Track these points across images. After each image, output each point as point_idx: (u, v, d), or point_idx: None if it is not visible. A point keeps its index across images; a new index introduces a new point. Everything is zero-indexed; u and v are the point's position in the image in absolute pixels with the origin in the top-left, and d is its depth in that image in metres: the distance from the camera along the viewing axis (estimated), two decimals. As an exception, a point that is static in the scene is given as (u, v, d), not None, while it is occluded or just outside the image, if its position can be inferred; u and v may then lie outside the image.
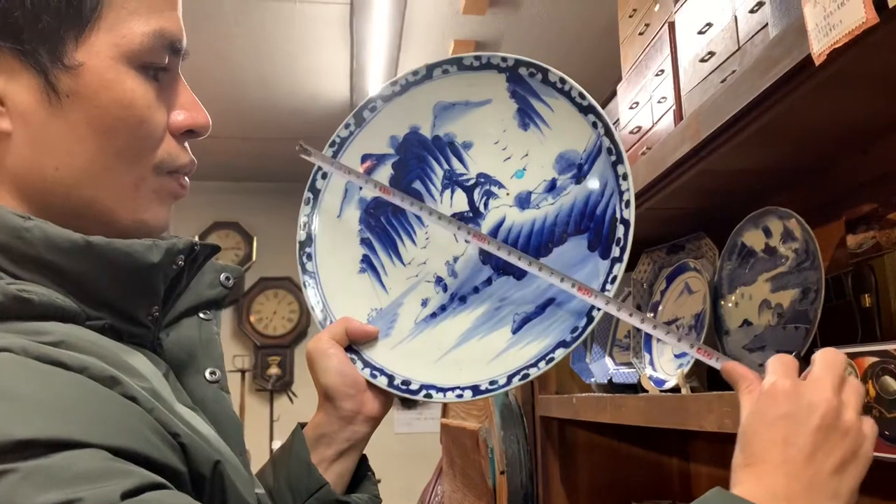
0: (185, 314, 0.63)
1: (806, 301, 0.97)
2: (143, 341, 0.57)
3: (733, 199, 1.14)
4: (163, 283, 0.55)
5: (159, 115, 0.56)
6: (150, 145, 0.56)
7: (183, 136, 0.59)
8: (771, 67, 0.76)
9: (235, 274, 0.67)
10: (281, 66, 3.34)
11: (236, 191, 4.77)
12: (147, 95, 0.55)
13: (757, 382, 0.56)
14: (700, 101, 1.03)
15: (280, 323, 4.82)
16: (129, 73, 0.54)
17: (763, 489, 0.50)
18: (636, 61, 1.35)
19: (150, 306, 0.55)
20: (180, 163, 0.58)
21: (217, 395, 0.59)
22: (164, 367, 0.56)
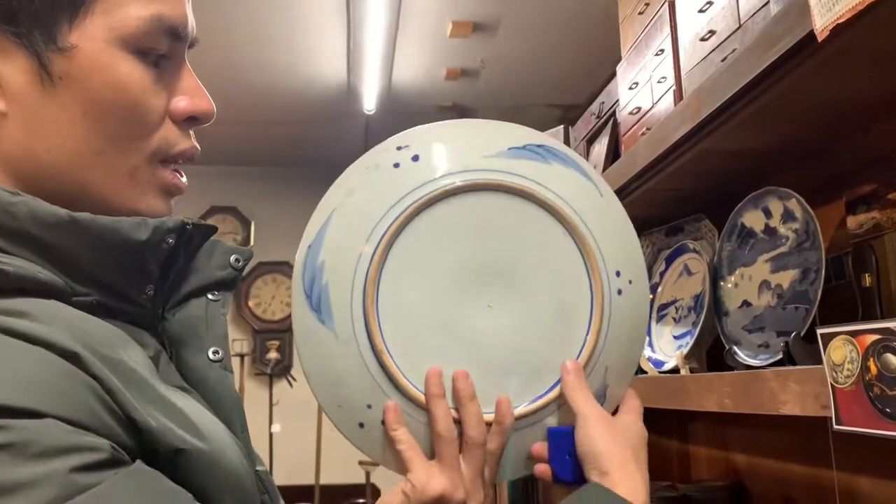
0: (194, 294, 0.62)
1: (806, 281, 0.96)
2: (140, 320, 0.56)
3: (733, 179, 1.14)
4: (154, 261, 0.55)
5: (156, 101, 0.56)
6: (145, 131, 0.55)
7: (185, 123, 0.58)
8: (772, 45, 0.75)
9: (245, 256, 0.67)
10: (278, 48, 3.32)
11: (234, 175, 4.75)
12: (143, 80, 0.54)
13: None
14: (700, 80, 1.02)
15: (279, 307, 4.82)
16: (125, 57, 0.54)
17: (629, 490, 0.62)
18: (636, 41, 1.34)
19: (142, 285, 0.55)
20: (179, 149, 0.58)
21: (219, 374, 0.59)
22: (154, 348, 0.56)
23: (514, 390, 0.67)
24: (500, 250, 0.67)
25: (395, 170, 0.67)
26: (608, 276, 0.68)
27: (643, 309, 0.71)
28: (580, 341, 0.68)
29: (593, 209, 0.69)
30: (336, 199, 0.68)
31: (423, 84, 3.75)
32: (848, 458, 1.03)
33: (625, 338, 0.69)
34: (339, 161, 2.29)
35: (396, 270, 0.66)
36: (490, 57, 3.45)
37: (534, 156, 0.69)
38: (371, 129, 4.22)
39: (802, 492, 1.18)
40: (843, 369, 0.64)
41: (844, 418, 0.64)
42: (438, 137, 0.69)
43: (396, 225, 0.65)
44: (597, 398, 0.67)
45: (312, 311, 0.66)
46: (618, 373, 0.70)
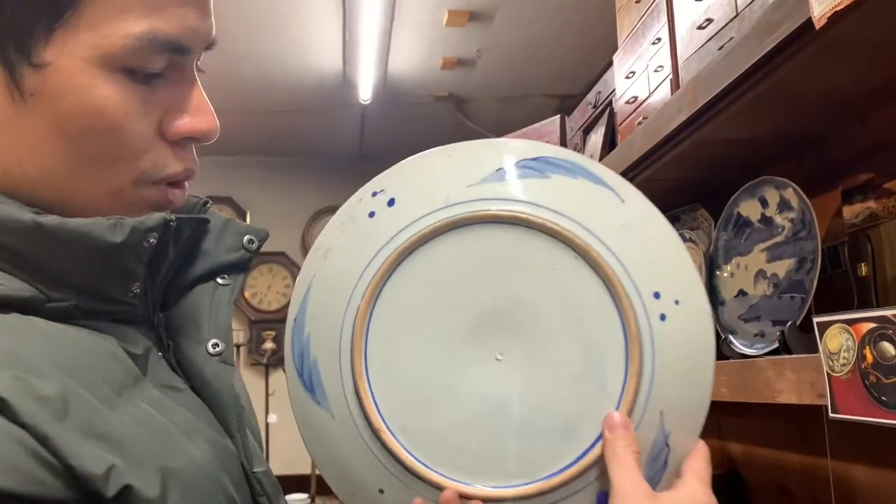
0: (201, 279, 0.59)
1: (802, 271, 0.96)
2: (130, 317, 0.54)
3: (729, 169, 1.14)
4: (136, 261, 0.51)
5: (142, 124, 0.51)
6: (129, 154, 0.51)
7: (182, 142, 0.54)
8: (770, 32, 0.75)
9: (261, 236, 0.62)
10: (274, 38, 3.30)
11: (229, 165, 4.74)
12: (125, 103, 0.49)
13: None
14: (697, 69, 1.02)
15: (275, 297, 4.82)
16: (107, 77, 0.48)
17: None
18: (633, 30, 1.33)
19: (127, 284, 0.52)
20: (169, 172, 0.53)
21: (217, 369, 0.56)
22: (144, 346, 0.53)
23: (547, 454, 0.55)
24: (500, 292, 0.56)
25: (370, 220, 0.58)
26: (642, 300, 0.55)
27: (702, 333, 0.57)
28: (618, 386, 0.55)
29: (613, 221, 0.57)
30: (314, 264, 0.60)
31: (418, 74, 3.73)
32: (843, 446, 1.04)
33: (681, 371, 0.56)
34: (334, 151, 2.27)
35: (383, 334, 0.57)
36: (486, 46, 3.44)
37: (529, 172, 0.58)
38: (367, 118, 4.21)
39: (797, 480, 1.18)
40: (840, 358, 0.64)
41: (840, 406, 0.64)
42: (416, 172, 0.60)
43: (374, 283, 0.56)
44: (655, 452, 0.55)
45: (307, 390, 0.59)
46: (680, 416, 0.56)
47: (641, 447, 0.54)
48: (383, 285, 0.57)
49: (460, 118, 4.21)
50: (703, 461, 0.55)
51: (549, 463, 0.55)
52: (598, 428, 0.54)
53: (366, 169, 3.61)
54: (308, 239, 4.80)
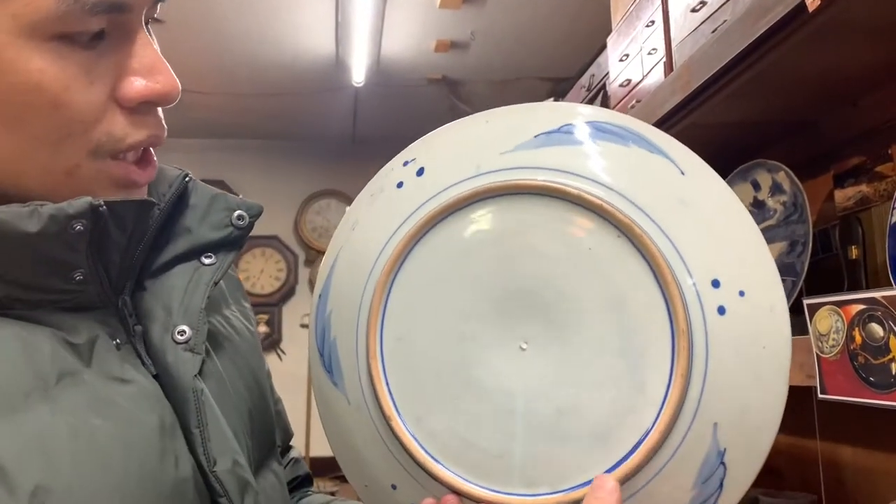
0: (182, 258, 0.55)
1: (793, 254, 0.97)
2: (82, 303, 0.50)
3: (722, 152, 1.14)
4: (67, 250, 0.47)
5: (88, 93, 0.46)
6: (78, 129, 0.46)
7: (141, 107, 0.49)
8: (763, 15, 0.75)
9: (253, 212, 0.58)
10: (265, 19, 3.27)
11: (220, 148, 4.71)
12: (64, 74, 0.45)
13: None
14: (691, 51, 1.02)
15: (268, 281, 4.81)
16: (38, 48, 0.44)
17: None
18: (626, 13, 1.33)
19: (65, 272, 0.48)
20: (129, 141, 0.48)
21: (179, 358, 0.51)
22: (89, 335, 0.48)
23: (575, 462, 0.47)
24: (529, 272, 0.49)
25: (398, 191, 0.53)
26: (696, 288, 0.46)
27: (774, 333, 0.47)
28: (661, 389, 0.46)
29: (668, 195, 0.48)
30: (342, 237, 0.55)
31: (412, 56, 3.71)
32: (831, 427, 1.05)
33: (743, 378, 0.46)
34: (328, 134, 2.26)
35: (401, 313, 0.51)
36: (480, 29, 3.42)
37: (570, 139, 0.50)
38: (360, 101, 4.19)
39: (786, 461, 1.19)
40: (829, 339, 0.64)
41: (829, 387, 0.65)
42: (450, 139, 0.54)
43: (393, 257, 0.50)
44: (707, 472, 0.46)
45: (325, 370, 0.54)
46: (740, 431, 0.47)
47: (690, 465, 0.46)
48: (404, 260, 0.51)
49: (454, 101, 4.19)
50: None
51: (576, 472, 0.47)
52: (635, 436, 0.46)
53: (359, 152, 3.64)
54: (301, 222, 4.79)
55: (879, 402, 0.59)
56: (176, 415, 0.50)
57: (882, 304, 0.58)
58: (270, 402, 0.64)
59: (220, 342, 0.59)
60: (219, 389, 0.55)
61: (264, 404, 0.62)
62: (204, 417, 0.50)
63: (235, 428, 0.54)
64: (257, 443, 0.59)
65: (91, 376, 0.47)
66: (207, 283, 0.54)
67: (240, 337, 0.62)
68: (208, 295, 0.54)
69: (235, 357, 0.59)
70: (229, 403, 0.55)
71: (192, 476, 0.48)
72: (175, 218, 0.56)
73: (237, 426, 0.55)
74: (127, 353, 0.51)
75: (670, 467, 0.46)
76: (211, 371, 0.54)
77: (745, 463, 0.47)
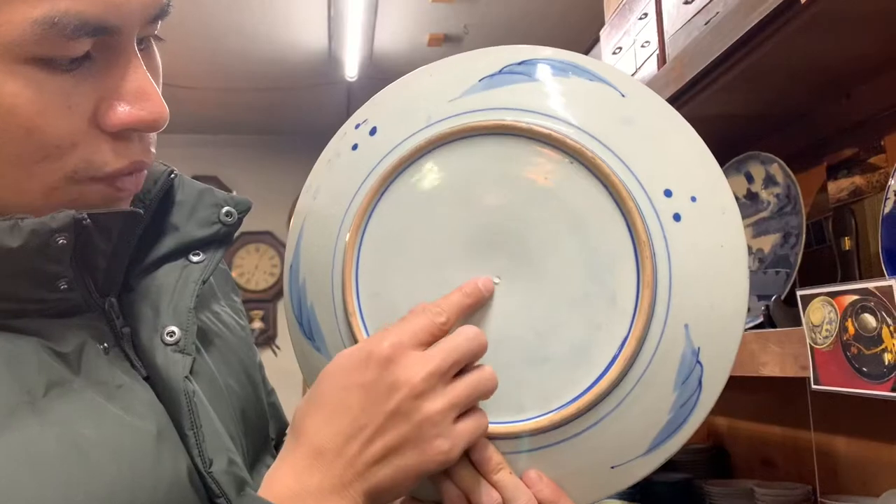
0: (169, 257, 0.54)
1: (787, 245, 0.97)
2: (67, 309, 0.48)
3: (715, 144, 1.13)
4: (51, 262, 0.45)
5: (66, 119, 0.44)
6: (54, 153, 0.44)
7: (125, 133, 0.46)
8: (755, 7, 0.75)
9: (241, 208, 0.56)
10: (258, 14, 3.26)
11: (214, 143, 4.70)
12: (40, 98, 0.43)
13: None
14: (684, 44, 1.02)
15: (262, 277, 4.80)
16: (12, 71, 0.42)
17: (298, 485, 0.46)
18: (619, 5, 1.33)
19: (48, 282, 0.46)
20: (108, 170, 0.46)
21: (168, 359, 0.50)
22: (76, 342, 0.47)
23: (559, 382, 0.49)
24: (491, 209, 0.51)
25: (354, 153, 0.54)
26: (650, 200, 0.48)
27: (727, 231, 0.49)
28: (630, 300, 0.48)
29: (611, 116, 0.50)
30: (305, 206, 0.57)
31: (405, 50, 3.71)
32: (825, 418, 1.05)
33: (705, 277, 0.48)
34: (320, 129, 2.27)
35: (374, 269, 0.52)
36: (473, 23, 3.41)
37: (515, 77, 0.52)
38: (353, 96, 4.18)
39: (781, 452, 1.20)
40: (822, 330, 0.64)
41: (822, 378, 0.65)
42: (397, 96, 0.56)
43: (359, 215, 0.52)
44: (686, 373, 0.49)
45: (306, 337, 0.55)
46: (711, 329, 0.49)
47: (668, 368, 0.48)
48: (369, 217, 0.52)
49: (447, 95, 4.18)
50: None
51: (561, 392, 0.49)
52: (612, 349, 0.48)
53: (352, 147, 3.45)
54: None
55: (872, 392, 0.59)
56: (169, 416, 0.49)
57: (875, 295, 0.58)
58: (263, 396, 0.63)
59: (211, 339, 0.57)
60: (210, 388, 0.54)
61: (257, 400, 0.61)
62: (197, 419, 0.49)
63: (229, 426, 0.54)
64: (251, 440, 0.58)
65: (80, 385, 0.46)
66: (196, 281, 0.53)
67: (230, 332, 0.61)
68: (197, 294, 0.53)
69: (226, 353, 0.58)
70: (222, 402, 0.55)
71: (189, 478, 0.47)
72: (162, 215, 0.55)
73: (230, 424, 0.54)
74: (116, 356, 0.50)
75: (650, 373, 0.48)
76: (202, 370, 0.53)
77: (719, 359, 0.49)
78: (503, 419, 0.49)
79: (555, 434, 0.49)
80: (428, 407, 0.46)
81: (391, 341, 0.46)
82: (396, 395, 0.45)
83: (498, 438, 0.49)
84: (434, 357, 0.46)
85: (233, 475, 0.49)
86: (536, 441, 0.50)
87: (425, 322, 0.48)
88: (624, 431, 0.49)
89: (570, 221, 0.49)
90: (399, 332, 0.47)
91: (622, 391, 0.48)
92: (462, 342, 0.47)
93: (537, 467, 0.50)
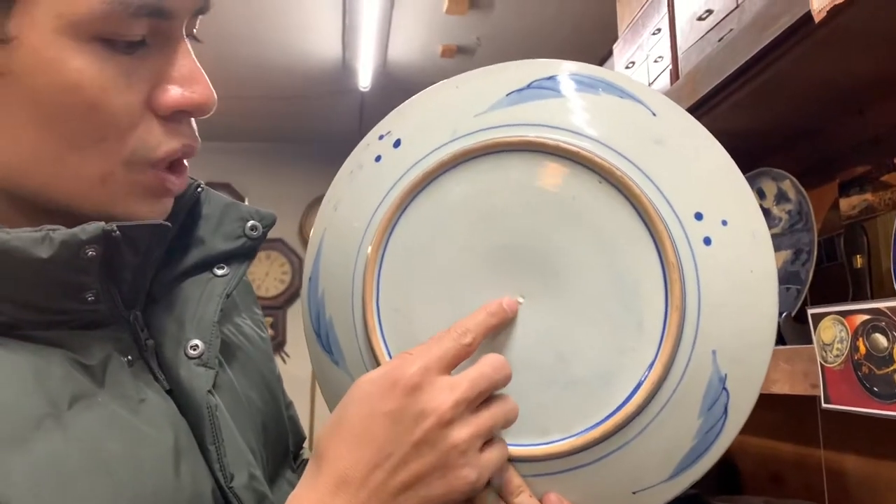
0: (193, 270, 0.54)
1: (798, 262, 0.97)
2: (94, 321, 0.49)
3: (728, 160, 1.14)
4: (80, 274, 0.46)
5: (125, 97, 0.45)
6: (113, 133, 0.46)
7: (175, 117, 0.48)
8: (770, 25, 0.75)
9: (266, 222, 0.56)
10: (273, 23, 3.29)
11: (227, 151, 4.72)
12: (103, 76, 0.44)
13: None
14: (697, 59, 1.02)
15: (272, 284, 4.81)
16: (79, 48, 0.43)
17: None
18: (633, 20, 1.33)
19: (76, 294, 0.47)
20: (163, 151, 0.48)
21: (192, 373, 0.50)
22: (102, 355, 0.47)
23: (582, 406, 0.48)
24: (517, 228, 0.49)
25: (377, 164, 0.53)
26: (681, 222, 0.47)
27: (758, 257, 0.48)
28: (658, 324, 0.47)
29: (642, 136, 0.49)
30: (325, 217, 0.55)
31: (418, 61, 3.72)
32: (836, 436, 1.05)
33: (735, 303, 0.47)
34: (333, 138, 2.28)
35: (395, 285, 0.51)
36: (486, 34, 3.43)
37: (543, 93, 0.50)
38: (366, 105, 4.20)
39: (790, 470, 1.19)
40: (833, 349, 0.64)
41: (833, 397, 0.65)
42: (423, 108, 0.54)
43: (380, 230, 0.50)
44: (711, 399, 0.47)
45: (324, 350, 0.54)
46: (738, 355, 0.48)
47: (694, 394, 0.47)
48: (391, 231, 0.51)
49: (459, 106, 4.19)
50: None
51: (584, 415, 0.47)
52: (638, 373, 0.47)
53: (365, 156, 3.47)
54: (306, 226, 4.79)
55: (883, 412, 0.59)
56: (191, 430, 0.49)
57: (886, 315, 0.58)
58: (283, 409, 0.64)
59: (233, 352, 0.58)
60: (233, 402, 0.54)
61: (277, 413, 0.61)
62: (220, 433, 0.49)
63: (250, 440, 0.54)
64: (271, 453, 0.58)
65: (105, 398, 0.46)
66: (220, 294, 0.53)
67: (252, 345, 0.61)
68: (221, 307, 0.53)
69: (248, 367, 0.58)
70: (244, 416, 0.55)
71: (210, 493, 0.48)
72: (188, 229, 0.55)
73: (252, 438, 0.54)
74: (140, 369, 0.50)
75: (675, 399, 0.47)
76: (224, 383, 0.54)
77: (746, 386, 0.48)
78: (525, 442, 0.48)
79: (576, 458, 0.48)
80: (455, 436, 0.44)
81: (417, 367, 0.45)
82: (423, 424, 0.44)
83: (519, 461, 0.48)
84: (461, 385, 0.45)
85: (253, 490, 0.50)
86: (557, 465, 0.48)
87: (450, 344, 0.46)
88: (647, 457, 0.48)
89: (596, 242, 0.48)
90: (425, 357, 0.45)
91: (647, 416, 0.47)
92: (489, 371, 0.46)
93: (558, 491, 0.49)
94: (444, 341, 0.46)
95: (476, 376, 0.45)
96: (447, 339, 0.46)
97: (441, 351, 0.46)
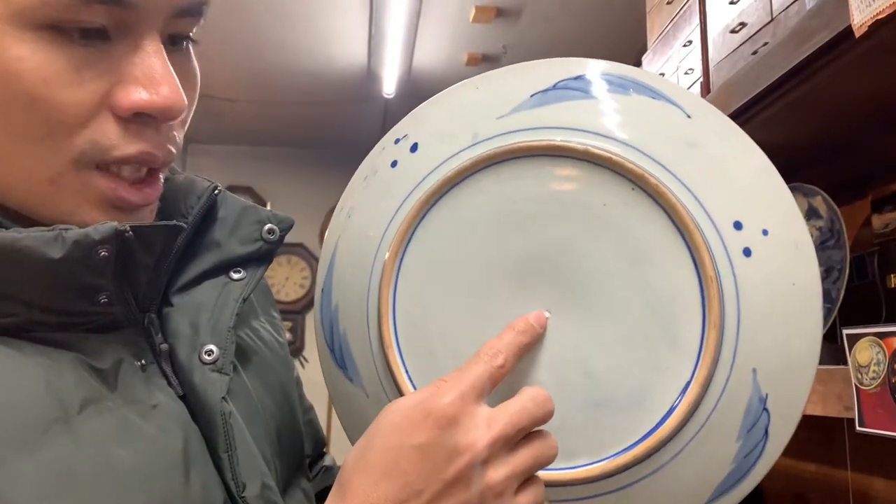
0: (210, 274, 0.53)
1: (829, 280, 0.95)
2: (107, 323, 0.48)
3: (757, 174, 1.12)
4: (93, 275, 0.45)
5: (75, 92, 0.42)
6: (59, 129, 0.43)
7: (139, 119, 0.45)
8: (807, 39, 0.74)
9: (284, 225, 0.55)
10: (299, 29, 3.31)
11: (250, 155, 4.76)
12: (47, 65, 0.41)
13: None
14: (729, 73, 1.01)
15: (292, 289, 4.83)
16: (22, 35, 0.41)
17: None
18: (663, 31, 1.32)
19: (89, 295, 0.45)
20: (116, 155, 0.44)
21: (206, 378, 0.48)
22: (113, 358, 0.46)
23: (613, 428, 0.45)
24: (543, 238, 0.46)
25: (393, 170, 0.50)
26: (719, 232, 0.44)
27: (801, 269, 0.45)
28: (694, 341, 0.43)
29: (676, 140, 0.45)
30: (339, 225, 0.53)
31: (443, 69, 3.73)
32: (863, 459, 1.02)
33: (776, 318, 0.44)
34: (356, 144, 2.31)
35: (412, 298, 0.48)
36: (512, 43, 3.43)
37: (569, 94, 0.47)
38: (390, 112, 4.21)
39: (816, 491, 1.17)
40: (869, 371, 0.63)
41: (868, 421, 0.64)
42: (441, 111, 0.51)
43: (397, 240, 0.47)
44: (751, 420, 0.44)
45: (338, 366, 0.51)
46: (779, 375, 0.44)
47: (732, 416, 0.44)
48: (409, 241, 0.48)
49: (483, 114, 4.19)
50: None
51: (615, 439, 0.44)
52: (672, 394, 0.43)
53: (388, 163, 3.47)
54: (326, 231, 4.82)
55: (921, 437, 0.57)
56: (203, 437, 0.48)
57: (926, 338, 0.57)
58: (300, 415, 0.62)
59: (249, 356, 0.57)
60: (246, 408, 0.53)
61: (293, 420, 0.60)
62: (233, 441, 0.48)
63: (264, 448, 0.53)
64: (285, 462, 0.57)
65: (116, 402, 0.45)
66: (236, 299, 0.52)
67: (268, 349, 0.60)
68: (237, 312, 0.52)
69: (264, 371, 0.58)
70: (258, 423, 0.54)
71: (222, 502, 0.47)
72: (203, 231, 0.54)
73: (265, 446, 0.53)
74: (153, 373, 0.49)
75: (713, 421, 0.44)
76: (239, 389, 0.52)
77: (788, 407, 0.45)
78: (552, 465, 0.45)
79: (607, 483, 0.45)
80: (491, 476, 0.41)
81: (452, 397, 0.42)
82: (458, 461, 0.41)
83: (546, 485, 0.45)
84: (499, 421, 0.42)
85: (266, 500, 0.48)
86: (587, 490, 0.45)
87: (482, 368, 0.43)
88: (682, 482, 0.45)
89: (628, 254, 0.44)
90: (458, 385, 0.42)
91: (682, 440, 0.44)
92: (531, 406, 0.43)
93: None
94: (476, 366, 0.43)
95: (516, 411, 0.42)
96: (479, 363, 0.43)
97: (473, 377, 0.43)
